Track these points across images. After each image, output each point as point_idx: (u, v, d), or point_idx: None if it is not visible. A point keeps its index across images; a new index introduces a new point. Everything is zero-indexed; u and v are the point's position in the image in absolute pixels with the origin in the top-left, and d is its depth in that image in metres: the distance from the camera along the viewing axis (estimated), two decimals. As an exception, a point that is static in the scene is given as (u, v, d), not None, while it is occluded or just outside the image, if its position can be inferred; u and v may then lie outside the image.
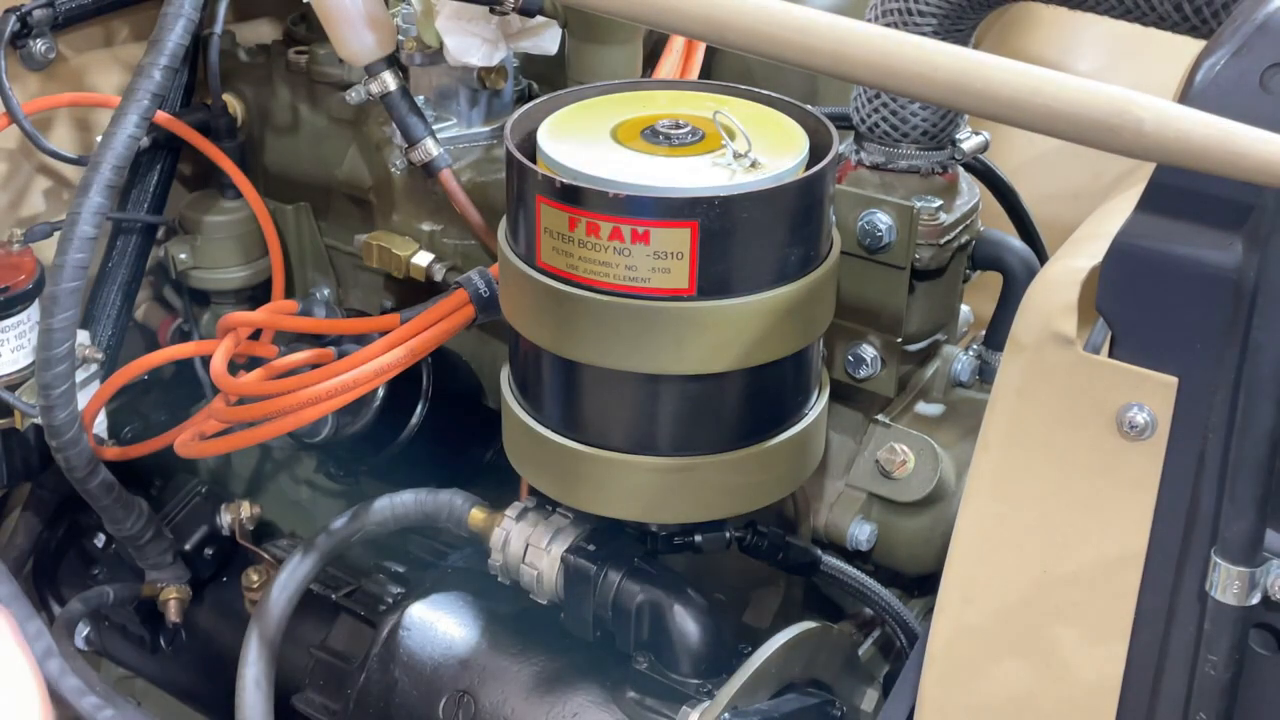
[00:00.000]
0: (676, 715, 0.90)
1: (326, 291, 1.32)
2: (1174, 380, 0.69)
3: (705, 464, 0.89)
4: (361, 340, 1.13)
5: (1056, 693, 0.77)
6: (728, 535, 0.97)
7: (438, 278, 1.18)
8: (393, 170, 1.20)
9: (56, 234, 1.15)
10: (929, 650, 0.82)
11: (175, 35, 1.14)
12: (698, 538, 0.96)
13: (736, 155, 0.86)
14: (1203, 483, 0.69)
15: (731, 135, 0.86)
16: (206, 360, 1.21)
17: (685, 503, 0.90)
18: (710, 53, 1.19)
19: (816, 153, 0.88)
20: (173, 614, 1.23)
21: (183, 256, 1.32)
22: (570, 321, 0.86)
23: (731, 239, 0.83)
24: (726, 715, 0.87)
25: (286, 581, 1.07)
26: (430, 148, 1.13)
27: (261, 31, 1.41)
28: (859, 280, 0.96)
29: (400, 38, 1.14)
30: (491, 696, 0.96)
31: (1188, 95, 0.69)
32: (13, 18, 1.23)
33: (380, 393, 1.13)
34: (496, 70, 1.17)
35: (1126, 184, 0.84)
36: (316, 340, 1.20)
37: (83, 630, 1.33)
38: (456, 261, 1.19)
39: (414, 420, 1.17)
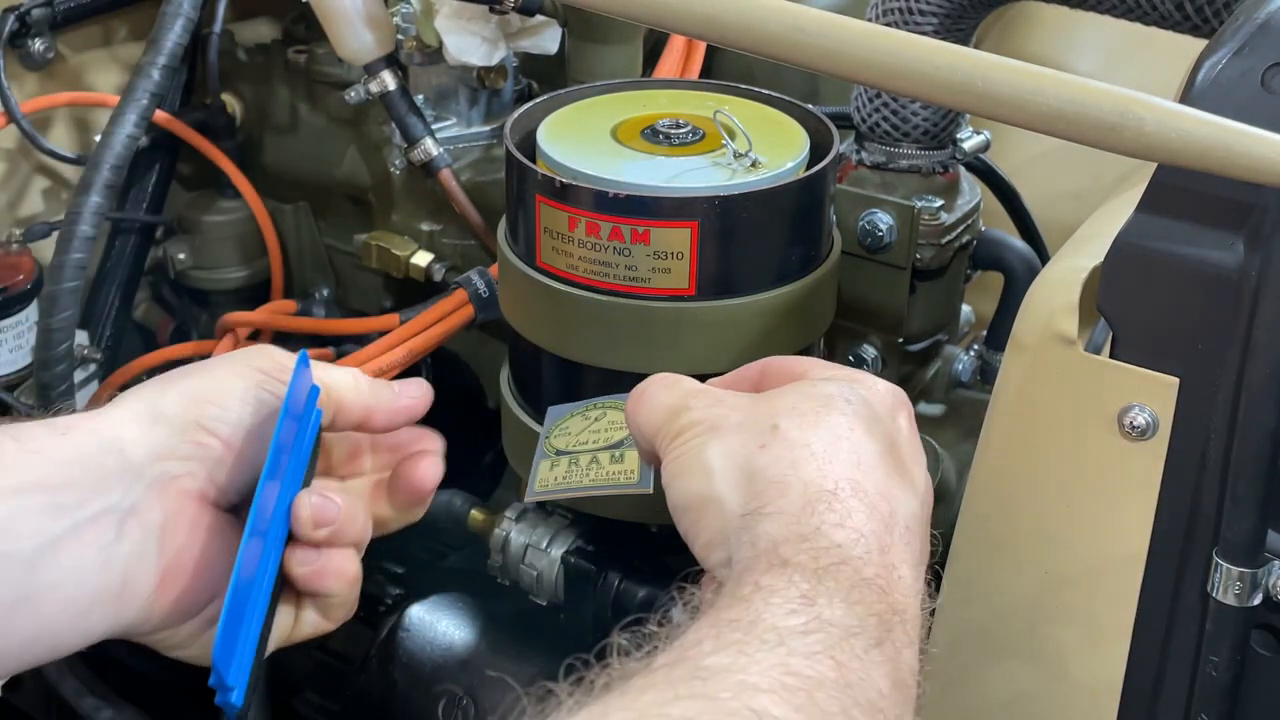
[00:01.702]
0: (676, 716, 0.90)
1: (326, 291, 1.32)
2: (1175, 380, 0.69)
3: (705, 464, 0.88)
4: (361, 340, 1.13)
5: (1057, 693, 0.77)
6: (728, 536, 0.97)
7: (437, 278, 1.18)
8: (392, 170, 1.20)
9: (55, 234, 1.15)
10: (929, 651, 0.82)
11: (174, 35, 1.14)
12: (698, 538, 0.95)
13: (737, 155, 0.85)
14: (1204, 483, 0.69)
15: (732, 135, 0.86)
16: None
17: (685, 503, 0.90)
18: (710, 52, 1.19)
19: (817, 152, 0.88)
20: (172, 614, 1.24)
21: (181, 256, 1.32)
22: (570, 321, 0.86)
23: (732, 239, 0.82)
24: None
25: (286, 582, 1.08)
26: (430, 147, 1.13)
27: (260, 31, 1.41)
28: (859, 280, 0.96)
29: (399, 37, 1.14)
30: (491, 698, 0.96)
31: (1189, 95, 0.68)
32: (11, 17, 1.22)
33: (379, 393, 1.13)
34: (496, 70, 1.17)
35: (1127, 184, 0.84)
36: (316, 340, 1.19)
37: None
38: (456, 261, 1.19)
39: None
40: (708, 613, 0.59)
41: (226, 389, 0.75)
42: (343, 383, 0.79)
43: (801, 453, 0.64)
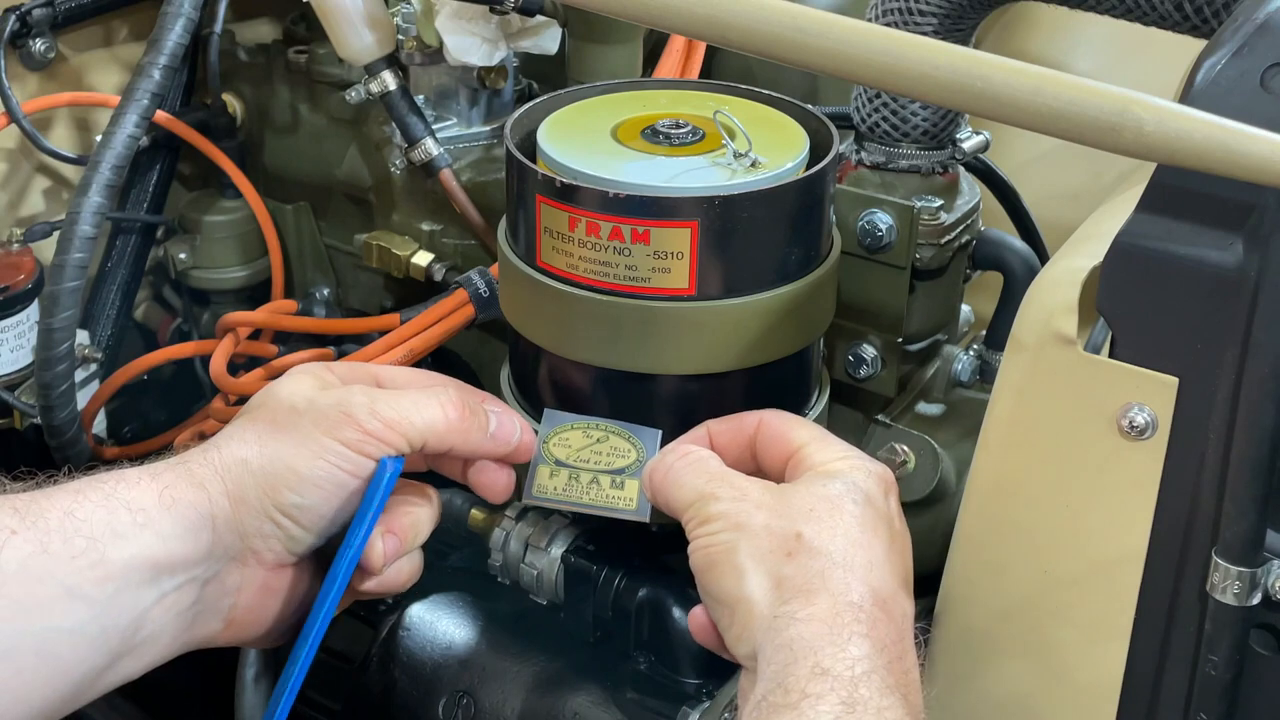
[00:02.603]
0: (676, 715, 0.90)
1: (326, 291, 1.32)
2: (1174, 380, 0.69)
3: (705, 464, 0.88)
4: (361, 340, 1.13)
5: (1057, 693, 0.77)
6: (728, 535, 0.97)
7: (438, 278, 1.18)
8: (392, 170, 1.20)
9: (56, 234, 1.15)
10: (929, 650, 0.82)
11: (174, 35, 1.14)
12: (698, 538, 0.95)
13: (736, 155, 0.86)
14: (1203, 483, 0.69)
15: (731, 135, 0.86)
16: (206, 360, 1.21)
17: (685, 503, 0.90)
18: (710, 53, 1.19)
19: (817, 152, 0.88)
20: (172, 614, 1.24)
21: (182, 256, 1.32)
22: (570, 321, 0.86)
23: (732, 239, 0.82)
24: (727, 715, 0.87)
25: (286, 582, 1.08)
26: (430, 147, 1.13)
27: (261, 31, 1.41)
28: (859, 280, 0.96)
29: (400, 37, 1.14)
30: (491, 697, 0.96)
31: (1188, 95, 0.69)
32: (12, 17, 1.22)
33: (380, 393, 1.13)
34: (496, 70, 1.17)
35: (1127, 184, 0.84)
36: (316, 340, 1.20)
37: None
38: (456, 261, 1.19)
39: (414, 420, 1.17)
40: (765, 715, 0.68)
41: (307, 476, 0.79)
42: (432, 426, 0.82)
43: (824, 562, 0.73)
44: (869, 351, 0.98)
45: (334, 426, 0.79)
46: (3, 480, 0.78)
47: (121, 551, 0.74)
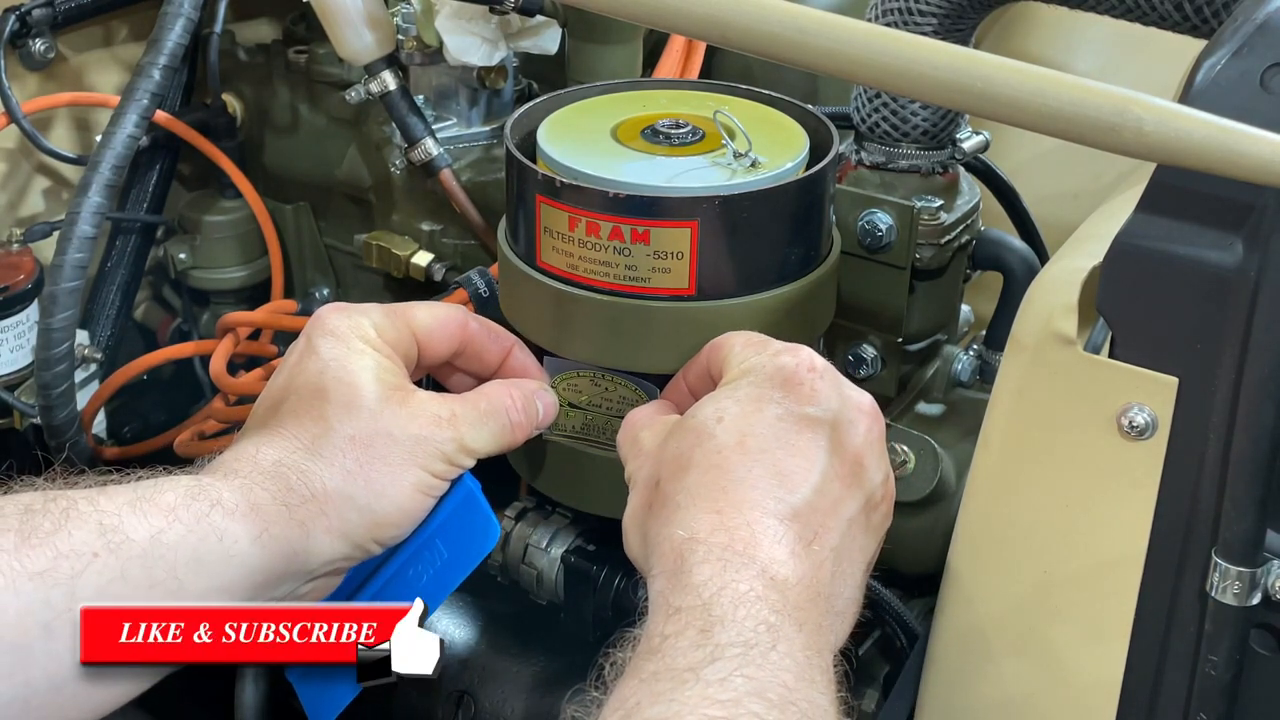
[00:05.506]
0: (676, 715, 0.90)
1: (326, 291, 1.32)
2: (1174, 380, 0.69)
3: (705, 464, 0.88)
4: (361, 340, 1.12)
5: (1057, 693, 0.77)
6: (728, 535, 0.97)
7: (437, 278, 1.18)
8: (392, 170, 1.20)
9: (56, 234, 1.15)
10: (929, 651, 0.82)
11: (174, 35, 1.14)
12: (697, 538, 0.95)
13: (736, 155, 0.86)
14: (1203, 483, 0.69)
15: (731, 135, 0.86)
16: (206, 360, 1.21)
17: (685, 503, 0.90)
18: (710, 53, 1.19)
19: (817, 152, 0.88)
20: (172, 614, 1.24)
21: (182, 256, 1.32)
22: (570, 321, 0.86)
23: (731, 239, 0.82)
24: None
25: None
26: (430, 147, 1.13)
27: (261, 31, 1.41)
28: (859, 280, 0.96)
29: (400, 37, 1.14)
30: (491, 697, 0.96)
31: (1188, 95, 0.69)
32: (12, 17, 1.23)
33: (380, 393, 1.13)
34: (496, 70, 1.17)
35: (1127, 184, 0.84)
36: (316, 340, 1.19)
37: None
38: (456, 261, 1.19)
39: (414, 420, 1.17)
40: (632, 668, 0.66)
41: (409, 511, 0.79)
42: (500, 445, 0.83)
43: (670, 509, 0.72)
44: (869, 351, 0.98)
45: (429, 459, 0.79)
46: (91, 476, 0.75)
47: (201, 583, 0.72)
